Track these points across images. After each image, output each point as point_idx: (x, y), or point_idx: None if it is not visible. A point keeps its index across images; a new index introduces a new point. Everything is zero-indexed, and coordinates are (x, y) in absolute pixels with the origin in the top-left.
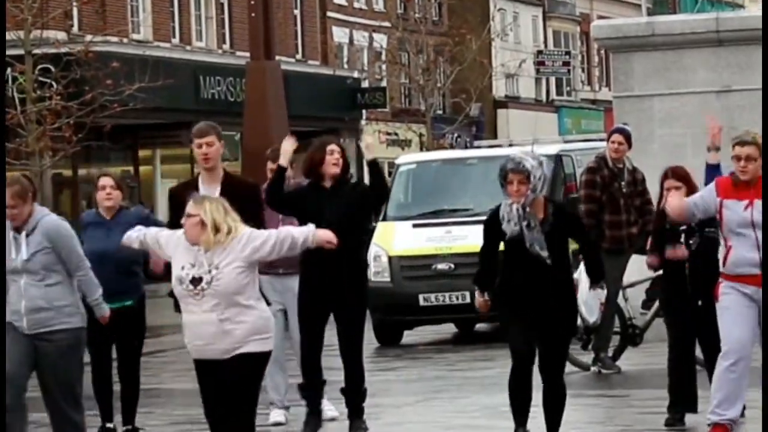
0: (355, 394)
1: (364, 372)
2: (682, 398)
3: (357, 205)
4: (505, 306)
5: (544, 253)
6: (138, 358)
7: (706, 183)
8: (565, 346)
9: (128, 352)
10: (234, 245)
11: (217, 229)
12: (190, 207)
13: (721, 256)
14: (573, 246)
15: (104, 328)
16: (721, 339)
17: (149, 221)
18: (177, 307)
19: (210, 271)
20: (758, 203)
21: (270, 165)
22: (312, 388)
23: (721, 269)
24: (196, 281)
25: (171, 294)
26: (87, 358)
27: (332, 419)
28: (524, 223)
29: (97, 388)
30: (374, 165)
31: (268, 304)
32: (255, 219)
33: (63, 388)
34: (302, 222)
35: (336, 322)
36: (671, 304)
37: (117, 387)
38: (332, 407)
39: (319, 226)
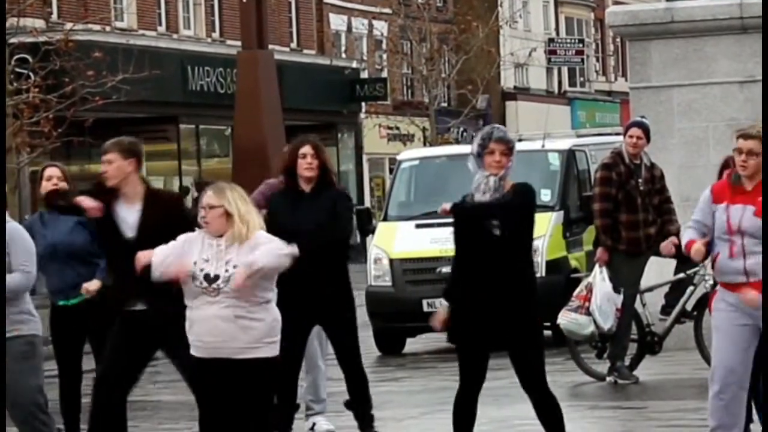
0: (361, 404)
1: (367, 379)
2: None
3: (332, 214)
4: (457, 310)
5: (495, 223)
6: None
7: None
8: (539, 354)
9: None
10: (251, 243)
11: (243, 221)
12: (210, 198)
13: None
14: (588, 247)
15: (71, 334)
16: (711, 362)
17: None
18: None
19: (227, 270)
20: (749, 209)
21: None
22: (285, 410)
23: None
24: (210, 279)
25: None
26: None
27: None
28: (497, 195)
29: (65, 401)
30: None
31: None
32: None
33: (27, 397)
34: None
35: (327, 334)
36: None
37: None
38: (327, 421)
39: (291, 232)
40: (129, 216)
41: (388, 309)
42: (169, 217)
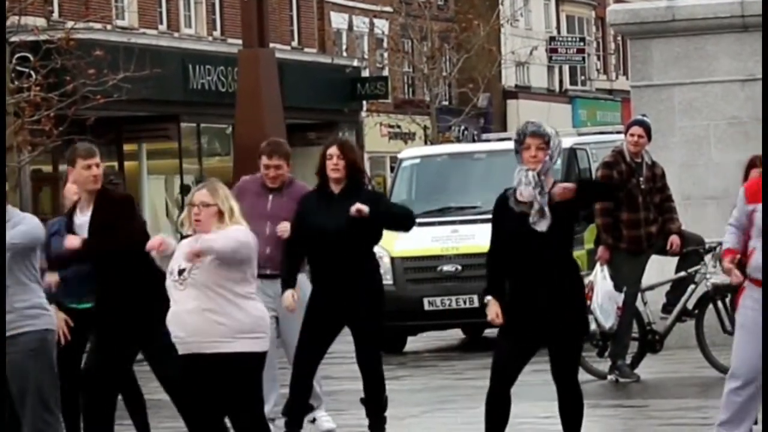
0: (375, 404)
1: (384, 380)
2: None
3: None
4: (511, 305)
5: (546, 221)
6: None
7: None
8: (579, 347)
9: None
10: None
11: (233, 220)
12: (204, 196)
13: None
14: (589, 246)
15: (75, 336)
16: (732, 357)
17: None
18: None
19: (193, 262)
20: None
21: (265, 160)
22: (298, 409)
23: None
24: (180, 272)
25: None
26: None
27: (328, 431)
28: (537, 190)
29: (64, 402)
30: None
31: None
32: (126, 230)
33: (33, 394)
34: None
35: (351, 331)
36: None
37: None
38: (329, 418)
39: (321, 232)
40: (86, 220)
41: (389, 307)
42: (118, 218)
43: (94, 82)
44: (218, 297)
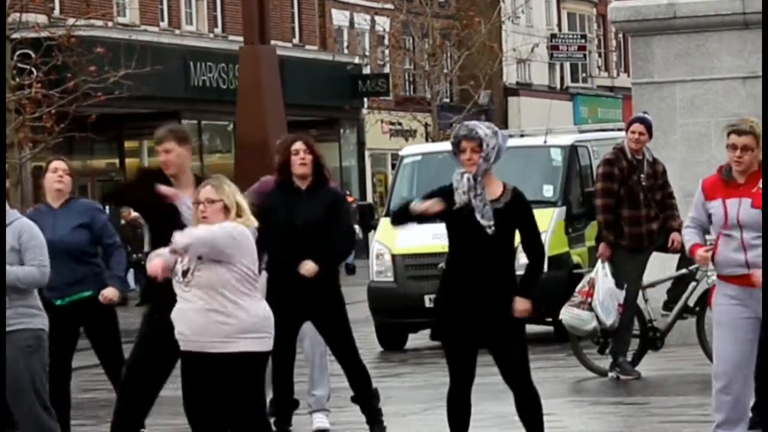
0: (365, 398)
1: (368, 373)
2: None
3: (329, 213)
4: (446, 303)
5: (488, 222)
6: (120, 353)
7: None
8: (521, 349)
9: (107, 347)
10: None
11: (241, 215)
12: (209, 192)
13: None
14: (590, 243)
15: (65, 333)
16: (713, 357)
17: (97, 221)
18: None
19: (195, 263)
20: (745, 202)
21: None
22: (282, 407)
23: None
24: (185, 273)
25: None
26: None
27: (322, 431)
28: (472, 193)
29: (54, 400)
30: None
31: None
32: None
33: (29, 392)
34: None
35: (319, 332)
36: None
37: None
38: (323, 418)
39: (288, 229)
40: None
41: (390, 305)
42: None
43: (96, 79)
44: (221, 297)
